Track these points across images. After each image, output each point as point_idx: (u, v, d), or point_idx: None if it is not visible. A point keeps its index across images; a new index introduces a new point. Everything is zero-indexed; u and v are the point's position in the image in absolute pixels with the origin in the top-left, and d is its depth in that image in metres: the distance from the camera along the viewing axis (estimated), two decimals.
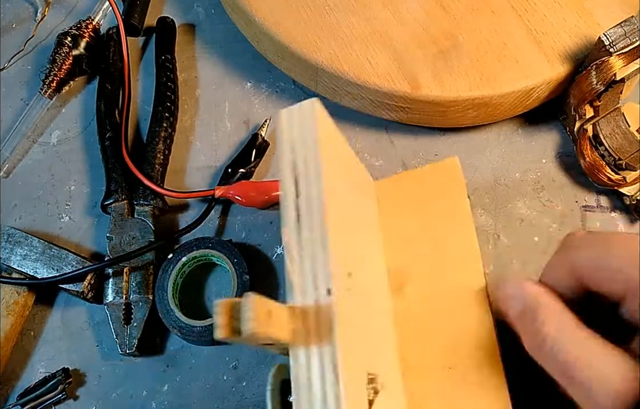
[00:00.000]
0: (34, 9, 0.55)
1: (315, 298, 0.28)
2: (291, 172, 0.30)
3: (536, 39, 0.45)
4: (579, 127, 0.45)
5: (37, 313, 0.44)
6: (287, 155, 0.31)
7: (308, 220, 0.29)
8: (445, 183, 0.41)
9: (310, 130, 0.31)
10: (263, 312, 0.25)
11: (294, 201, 0.30)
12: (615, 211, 0.45)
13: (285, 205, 0.30)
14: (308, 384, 0.26)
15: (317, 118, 0.31)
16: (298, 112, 0.31)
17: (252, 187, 0.45)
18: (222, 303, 0.25)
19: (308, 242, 0.29)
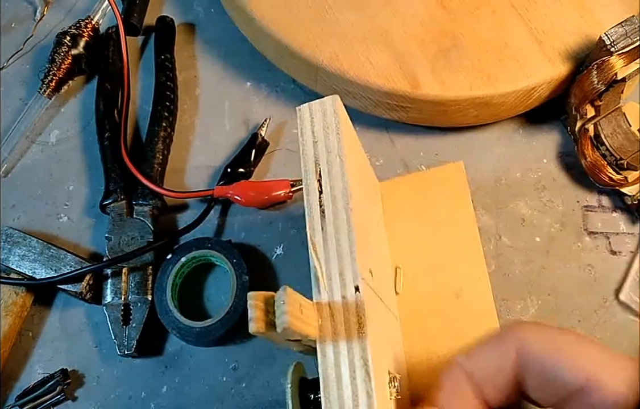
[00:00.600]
0: (33, 9, 0.55)
1: (342, 294, 0.28)
2: (314, 168, 0.30)
3: (537, 39, 0.45)
4: (580, 126, 0.45)
5: (36, 314, 0.44)
6: (309, 152, 0.31)
7: (333, 216, 0.29)
8: (449, 187, 0.41)
9: (332, 126, 0.31)
10: (297, 306, 0.25)
11: (317, 197, 0.30)
12: (617, 211, 0.45)
13: (309, 201, 0.30)
14: (337, 381, 0.26)
15: (339, 114, 0.31)
16: (319, 107, 0.31)
17: (251, 187, 0.45)
18: (256, 295, 0.25)
19: (333, 239, 0.29)
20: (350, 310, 0.27)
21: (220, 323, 0.40)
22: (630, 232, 0.44)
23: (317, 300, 0.28)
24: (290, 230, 0.45)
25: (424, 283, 0.38)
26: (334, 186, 0.30)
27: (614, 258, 0.44)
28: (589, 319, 0.42)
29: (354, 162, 0.32)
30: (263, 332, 0.25)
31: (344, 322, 0.27)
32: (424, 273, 0.38)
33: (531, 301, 0.43)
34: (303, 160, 0.31)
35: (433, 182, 0.41)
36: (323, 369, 0.26)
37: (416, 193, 0.41)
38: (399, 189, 0.41)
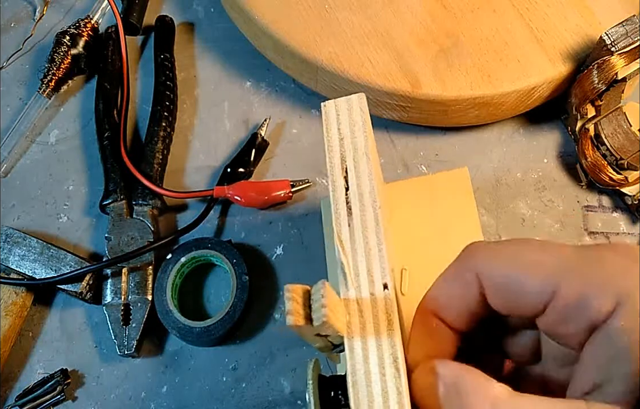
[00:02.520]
0: (32, 8, 0.55)
1: (370, 291, 0.28)
2: (340, 164, 0.31)
3: (537, 38, 0.45)
4: (580, 126, 0.45)
5: (36, 314, 0.44)
6: (335, 148, 0.31)
7: (360, 214, 0.29)
8: (454, 191, 0.41)
9: (359, 124, 0.31)
10: (333, 301, 0.25)
11: (344, 194, 0.30)
12: (617, 211, 0.45)
13: (336, 198, 0.30)
14: (366, 378, 0.26)
15: (365, 112, 0.31)
16: (345, 104, 0.32)
17: (251, 187, 0.45)
18: (293, 288, 0.25)
19: (361, 236, 0.29)
20: (379, 307, 0.27)
21: (220, 323, 0.40)
22: (630, 232, 0.44)
23: (344, 296, 0.28)
24: (290, 230, 0.45)
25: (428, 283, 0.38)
26: (361, 184, 0.30)
27: None
28: None
29: (375, 161, 0.33)
30: (300, 327, 0.25)
31: (373, 319, 0.27)
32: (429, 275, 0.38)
33: None
34: (329, 156, 0.31)
35: (438, 186, 0.41)
36: (352, 366, 0.26)
37: (421, 196, 0.41)
38: (404, 191, 0.42)
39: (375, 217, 0.29)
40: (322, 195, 0.47)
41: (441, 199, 0.41)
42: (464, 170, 0.41)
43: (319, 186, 0.47)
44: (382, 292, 0.28)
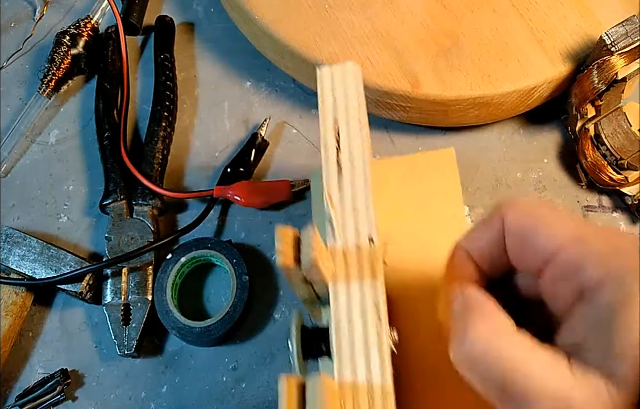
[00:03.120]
0: (32, 8, 0.55)
1: (356, 243, 0.29)
2: (332, 125, 0.32)
3: (537, 38, 0.45)
4: (580, 126, 0.45)
5: (36, 314, 0.44)
6: (328, 110, 0.32)
7: (350, 174, 0.31)
8: (440, 171, 0.41)
9: (352, 90, 0.33)
10: (320, 247, 0.27)
11: (335, 154, 0.31)
12: (617, 212, 0.45)
13: (327, 156, 0.31)
14: (349, 323, 0.27)
15: (360, 80, 0.33)
16: (341, 71, 0.33)
17: (251, 187, 0.45)
18: (284, 230, 0.26)
19: (349, 194, 0.30)
20: (364, 258, 0.29)
21: (220, 323, 0.40)
22: (630, 232, 0.44)
23: (331, 246, 0.29)
24: None
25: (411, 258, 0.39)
26: (352, 145, 0.31)
27: None
28: None
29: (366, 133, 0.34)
30: (288, 266, 0.26)
31: (357, 268, 0.28)
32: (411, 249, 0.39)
33: None
34: (322, 117, 0.32)
35: (424, 165, 0.42)
36: (335, 311, 0.28)
37: (407, 174, 0.42)
38: (390, 168, 0.42)
39: (364, 177, 0.31)
40: None
41: (426, 178, 0.41)
42: (450, 150, 0.41)
43: None
44: (368, 245, 0.29)
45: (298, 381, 0.25)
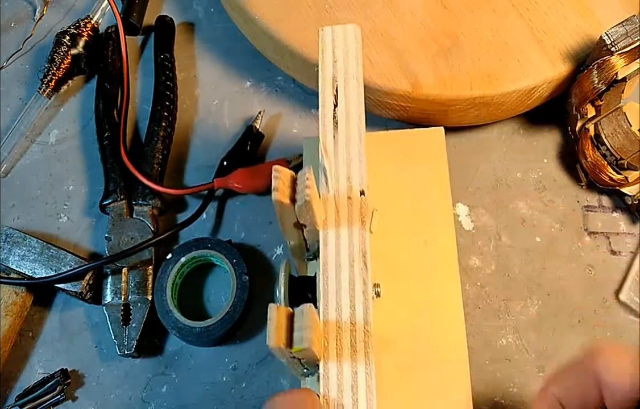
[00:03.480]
0: (32, 8, 0.55)
1: (348, 195, 0.31)
2: (331, 83, 0.33)
3: (537, 38, 0.45)
4: (580, 126, 0.45)
5: (36, 314, 0.44)
6: (328, 68, 0.34)
7: (345, 129, 0.32)
8: (428, 147, 0.42)
9: (352, 50, 0.34)
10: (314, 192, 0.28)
11: (332, 109, 0.33)
12: (617, 211, 0.45)
13: (324, 112, 0.33)
14: (337, 268, 0.29)
15: (360, 42, 0.34)
16: (342, 31, 0.35)
17: (249, 173, 0.45)
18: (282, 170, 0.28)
19: (344, 148, 0.32)
20: (354, 209, 0.30)
21: (220, 323, 0.40)
22: (630, 232, 0.44)
23: (324, 196, 0.30)
24: None
25: (396, 228, 0.40)
26: (349, 103, 0.33)
27: (614, 258, 0.44)
28: (589, 319, 0.42)
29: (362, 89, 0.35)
30: (282, 203, 0.27)
31: (348, 218, 0.30)
32: (397, 219, 0.40)
33: (531, 301, 0.43)
34: (321, 75, 0.34)
35: (414, 141, 0.43)
36: (324, 256, 0.29)
37: (396, 148, 0.43)
38: (380, 141, 0.43)
39: (359, 133, 0.32)
40: None
41: (415, 153, 0.42)
42: (439, 129, 0.43)
43: None
44: (359, 197, 0.30)
45: (287, 312, 0.26)
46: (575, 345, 0.42)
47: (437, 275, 0.39)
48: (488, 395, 0.40)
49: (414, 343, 0.37)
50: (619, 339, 0.42)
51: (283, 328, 0.26)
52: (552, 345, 0.42)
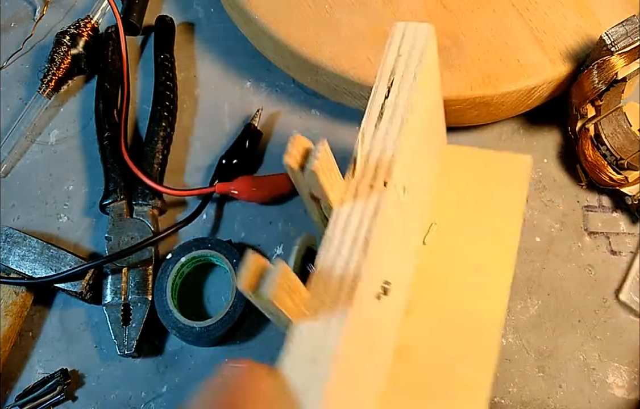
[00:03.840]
0: (32, 8, 0.55)
1: (370, 183, 0.31)
2: (388, 75, 0.34)
3: (537, 38, 0.45)
4: (580, 126, 0.45)
5: (36, 314, 0.44)
6: (390, 61, 0.34)
7: (388, 122, 0.32)
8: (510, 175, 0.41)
9: (418, 48, 0.34)
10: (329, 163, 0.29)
11: (382, 101, 0.33)
12: (617, 211, 0.45)
13: (374, 101, 0.33)
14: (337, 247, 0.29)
15: (428, 43, 0.34)
16: (414, 29, 0.34)
17: (252, 182, 0.45)
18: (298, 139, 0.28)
19: (381, 140, 0.32)
20: (372, 196, 0.30)
21: (220, 323, 0.40)
22: (630, 232, 0.44)
23: (348, 179, 0.31)
24: (290, 230, 0.45)
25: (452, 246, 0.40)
26: (400, 98, 0.33)
27: (614, 258, 0.44)
28: (589, 319, 0.42)
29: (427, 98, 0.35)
30: (292, 168, 0.28)
31: (363, 204, 0.30)
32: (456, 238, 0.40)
33: (531, 301, 0.43)
34: (382, 66, 0.34)
35: (497, 163, 0.42)
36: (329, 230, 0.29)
37: (478, 166, 0.42)
38: (460, 156, 0.43)
39: (399, 130, 0.32)
40: None
41: (494, 176, 0.41)
42: (527, 157, 0.42)
43: None
44: (381, 186, 0.30)
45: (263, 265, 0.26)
46: (575, 345, 0.42)
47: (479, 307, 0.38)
48: None
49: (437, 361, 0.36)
50: (619, 339, 0.42)
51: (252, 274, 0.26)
52: (552, 345, 0.42)
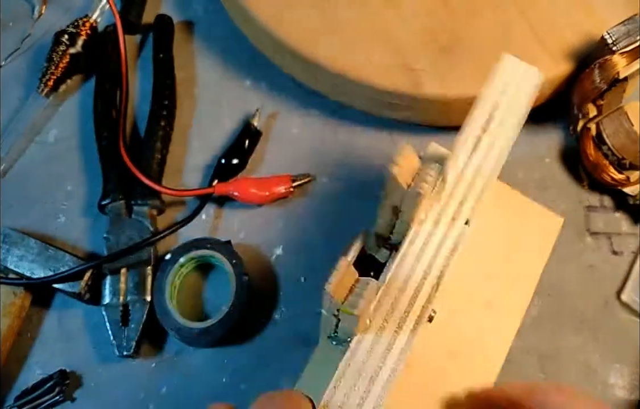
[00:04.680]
0: (31, 7, 0.55)
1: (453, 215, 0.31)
2: (490, 109, 0.33)
3: (539, 37, 0.45)
4: (582, 125, 0.45)
5: (34, 315, 0.43)
6: (494, 94, 0.33)
7: (481, 159, 0.32)
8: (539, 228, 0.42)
9: (525, 94, 0.33)
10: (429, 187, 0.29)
11: (479, 134, 0.33)
12: (619, 212, 0.45)
13: (470, 129, 0.33)
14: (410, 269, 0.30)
15: (534, 90, 0.33)
16: (525, 70, 0.34)
17: (252, 183, 0.45)
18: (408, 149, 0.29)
19: (471, 172, 0.32)
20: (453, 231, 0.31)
21: (220, 324, 0.40)
22: (632, 232, 0.44)
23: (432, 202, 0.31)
24: (291, 230, 0.45)
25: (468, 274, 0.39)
26: (498, 139, 0.33)
27: (615, 259, 0.44)
28: (591, 320, 0.42)
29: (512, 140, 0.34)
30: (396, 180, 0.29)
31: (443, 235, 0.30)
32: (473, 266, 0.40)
33: (532, 302, 0.42)
34: (485, 93, 0.33)
35: (531, 212, 0.42)
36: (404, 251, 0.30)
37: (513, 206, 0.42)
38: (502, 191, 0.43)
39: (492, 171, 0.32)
40: (322, 192, 0.46)
41: (525, 224, 0.42)
42: (558, 220, 0.42)
43: (319, 183, 0.47)
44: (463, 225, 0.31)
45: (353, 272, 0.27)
46: (576, 346, 0.41)
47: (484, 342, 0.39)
48: None
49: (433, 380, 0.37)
50: (621, 340, 0.42)
51: (344, 284, 0.26)
52: (553, 346, 0.41)
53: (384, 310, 0.29)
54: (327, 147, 0.48)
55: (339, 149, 0.48)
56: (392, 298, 0.29)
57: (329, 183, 0.47)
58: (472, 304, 0.39)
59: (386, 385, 0.27)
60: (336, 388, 0.27)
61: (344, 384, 0.27)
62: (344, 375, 0.27)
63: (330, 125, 0.49)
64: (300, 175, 0.46)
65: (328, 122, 0.49)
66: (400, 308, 0.29)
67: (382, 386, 0.27)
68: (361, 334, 0.28)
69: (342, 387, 0.27)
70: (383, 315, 0.29)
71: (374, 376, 0.27)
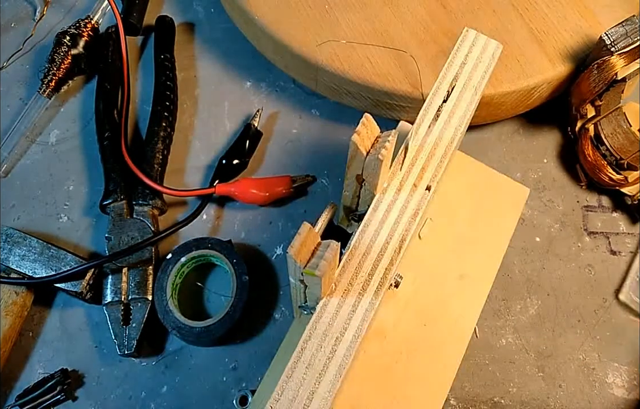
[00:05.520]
0: (32, 8, 0.55)
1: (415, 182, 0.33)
2: (450, 80, 0.35)
3: (537, 38, 0.45)
4: (580, 126, 0.45)
5: (36, 314, 0.44)
6: (454, 66, 0.35)
7: (442, 127, 0.34)
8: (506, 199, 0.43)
9: (484, 64, 0.35)
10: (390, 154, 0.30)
11: (440, 103, 0.34)
12: (617, 212, 0.45)
13: (431, 100, 0.34)
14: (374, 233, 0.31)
15: (495, 61, 0.35)
16: (483, 43, 0.36)
17: (252, 184, 0.45)
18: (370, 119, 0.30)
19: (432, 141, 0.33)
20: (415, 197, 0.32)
21: (220, 323, 0.40)
22: (630, 232, 0.44)
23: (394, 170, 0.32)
24: (291, 230, 0.45)
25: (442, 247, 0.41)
26: (458, 106, 0.34)
27: (613, 258, 0.44)
28: (589, 319, 0.42)
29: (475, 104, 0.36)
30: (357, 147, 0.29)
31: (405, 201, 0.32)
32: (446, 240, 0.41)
33: (531, 301, 0.43)
34: (446, 66, 0.35)
35: (497, 185, 0.44)
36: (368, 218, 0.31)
37: (480, 180, 0.44)
38: (465, 164, 0.44)
39: (452, 138, 0.33)
40: (322, 192, 0.47)
41: (493, 195, 0.43)
42: (525, 190, 0.43)
43: (319, 185, 0.47)
44: (424, 190, 0.32)
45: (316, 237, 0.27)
46: (575, 345, 0.42)
47: (456, 310, 0.40)
48: (488, 395, 0.40)
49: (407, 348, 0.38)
50: (619, 339, 0.42)
51: (306, 247, 0.27)
52: (552, 345, 0.42)
53: (348, 274, 0.30)
54: (327, 147, 0.48)
55: (339, 149, 0.48)
56: (356, 263, 0.30)
57: (329, 183, 0.47)
58: (444, 275, 0.40)
59: (351, 346, 0.28)
60: (303, 349, 0.28)
61: (311, 346, 0.28)
62: (310, 337, 0.28)
63: (330, 125, 0.49)
64: (300, 176, 0.46)
65: (328, 122, 0.49)
66: (364, 271, 0.30)
67: (347, 347, 0.28)
68: (327, 298, 0.29)
69: (309, 348, 0.28)
70: (348, 279, 0.30)
71: (339, 337, 0.28)
